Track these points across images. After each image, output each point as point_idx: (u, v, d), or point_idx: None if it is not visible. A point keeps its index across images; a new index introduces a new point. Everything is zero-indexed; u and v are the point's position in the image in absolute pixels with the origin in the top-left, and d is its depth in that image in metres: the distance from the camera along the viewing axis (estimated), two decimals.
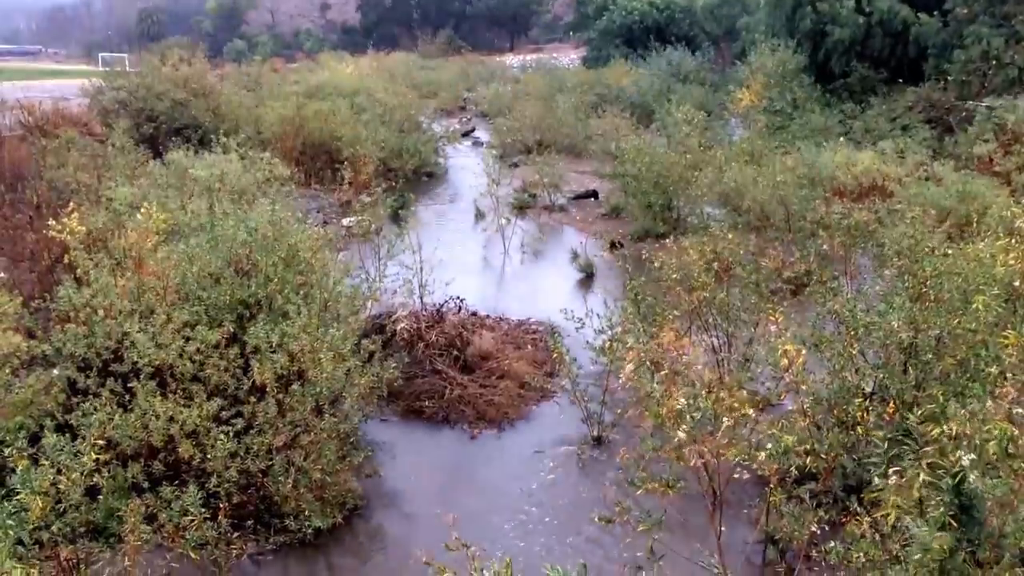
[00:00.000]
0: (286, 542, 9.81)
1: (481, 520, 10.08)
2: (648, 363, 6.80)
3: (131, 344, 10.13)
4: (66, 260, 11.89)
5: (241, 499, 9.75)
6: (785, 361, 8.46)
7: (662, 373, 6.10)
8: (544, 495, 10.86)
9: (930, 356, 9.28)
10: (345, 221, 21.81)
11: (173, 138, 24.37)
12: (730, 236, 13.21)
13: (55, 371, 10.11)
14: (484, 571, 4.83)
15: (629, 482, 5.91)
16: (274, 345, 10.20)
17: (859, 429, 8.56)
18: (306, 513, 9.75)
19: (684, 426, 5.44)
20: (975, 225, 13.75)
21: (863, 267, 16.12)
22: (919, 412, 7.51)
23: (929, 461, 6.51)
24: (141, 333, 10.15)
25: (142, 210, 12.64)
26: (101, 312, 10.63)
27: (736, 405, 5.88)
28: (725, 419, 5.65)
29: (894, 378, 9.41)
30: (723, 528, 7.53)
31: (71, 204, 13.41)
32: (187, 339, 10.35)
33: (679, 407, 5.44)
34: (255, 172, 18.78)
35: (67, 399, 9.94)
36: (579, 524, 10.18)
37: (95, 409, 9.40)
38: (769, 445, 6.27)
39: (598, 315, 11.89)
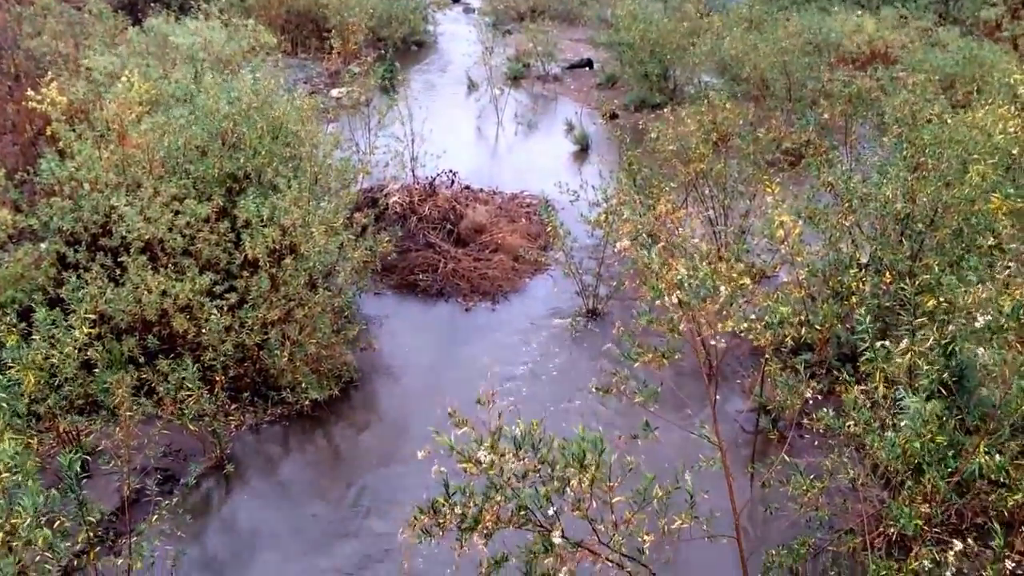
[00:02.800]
0: (284, 414, 9.97)
1: (475, 391, 10.17)
2: (645, 235, 6.70)
3: (119, 218, 9.98)
4: (48, 132, 11.58)
5: (237, 372, 9.84)
6: (780, 232, 8.36)
7: (660, 245, 6.01)
8: (539, 367, 10.97)
9: (925, 226, 9.20)
10: (334, 92, 21.25)
11: (152, 4, 23.42)
12: (728, 106, 12.89)
13: (43, 245, 9.99)
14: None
15: (624, 355, 5.89)
16: (265, 219, 10.06)
17: (853, 300, 8.56)
18: (303, 386, 9.86)
19: (679, 294, 5.36)
20: (978, 92, 13.43)
21: (863, 137, 15.85)
22: (914, 283, 7.50)
23: (922, 332, 6.54)
24: (129, 207, 9.99)
25: (123, 80, 12.22)
26: (87, 186, 10.43)
27: (735, 276, 5.81)
28: (723, 289, 5.58)
29: (888, 249, 9.36)
30: (717, 398, 7.61)
31: (50, 74, 12.98)
32: (176, 213, 10.21)
33: (678, 277, 5.36)
34: (239, 40, 18.13)
35: (57, 273, 9.86)
36: (574, 395, 10.32)
37: (86, 283, 9.34)
38: (765, 316, 6.25)
39: (593, 187, 11.72)
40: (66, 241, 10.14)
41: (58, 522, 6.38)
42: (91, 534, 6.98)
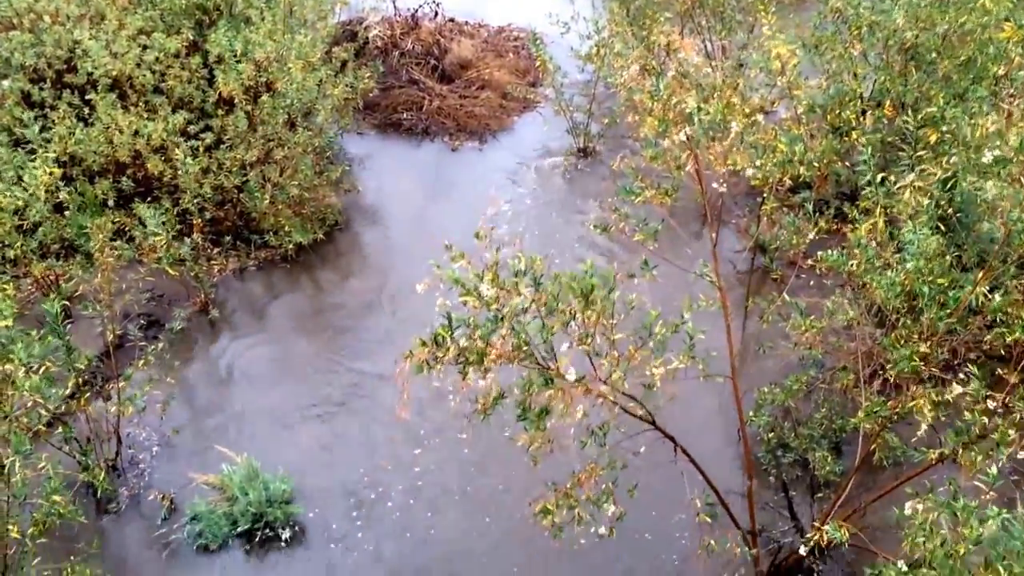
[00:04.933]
0: (268, 258, 9.78)
1: (465, 232, 9.97)
2: (655, 64, 6.28)
3: (84, 53, 9.43)
4: None
5: (217, 215, 9.57)
6: (777, 64, 7.94)
7: (669, 75, 5.62)
8: (531, 206, 10.73)
9: (933, 55, 8.77)
10: None
11: None
12: None
13: (5, 83, 9.43)
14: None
15: (626, 190, 5.62)
16: (238, 54, 9.52)
17: (854, 135, 8.24)
18: (286, 229, 9.62)
19: (688, 129, 5.03)
20: None
21: None
22: (918, 116, 7.18)
23: (923, 167, 6.28)
24: (93, 41, 9.42)
25: None
26: (47, 18, 9.81)
27: (748, 111, 5.47)
28: (735, 125, 5.25)
29: (894, 80, 8.96)
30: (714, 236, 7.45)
31: None
32: (144, 47, 9.65)
33: (688, 110, 5.00)
34: None
35: (22, 113, 9.39)
36: (566, 233, 10.15)
37: (53, 123, 8.91)
38: (772, 153, 5.97)
39: (584, 19, 11.09)
40: (29, 79, 9.60)
41: (44, 368, 6.27)
42: (79, 380, 6.92)
